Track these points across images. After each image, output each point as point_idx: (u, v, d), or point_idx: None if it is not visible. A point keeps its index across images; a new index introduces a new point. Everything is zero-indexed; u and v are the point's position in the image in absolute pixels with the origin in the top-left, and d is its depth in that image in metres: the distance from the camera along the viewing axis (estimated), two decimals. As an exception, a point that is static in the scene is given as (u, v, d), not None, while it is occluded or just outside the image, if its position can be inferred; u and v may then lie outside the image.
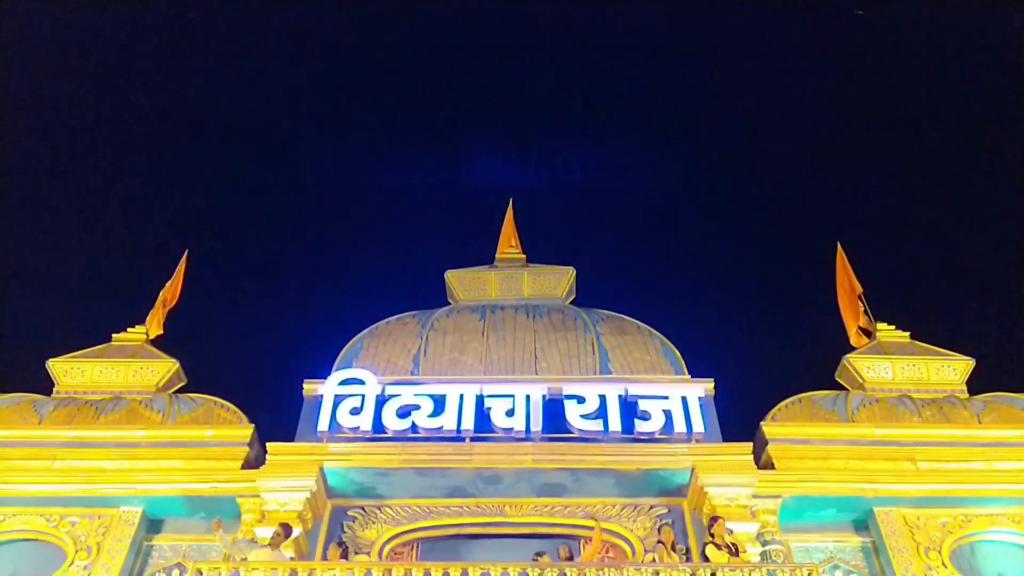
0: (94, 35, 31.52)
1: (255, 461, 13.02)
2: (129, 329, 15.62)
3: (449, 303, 17.05)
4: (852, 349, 15.49)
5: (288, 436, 13.17)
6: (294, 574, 9.89)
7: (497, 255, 18.13)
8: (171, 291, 16.43)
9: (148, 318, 15.87)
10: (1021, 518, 12.49)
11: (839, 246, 17.18)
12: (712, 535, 10.84)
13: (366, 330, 15.32)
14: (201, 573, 9.85)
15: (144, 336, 15.49)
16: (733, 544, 10.65)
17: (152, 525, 12.83)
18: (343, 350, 14.87)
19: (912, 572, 11.85)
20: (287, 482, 12.15)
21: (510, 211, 19.50)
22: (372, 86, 38.42)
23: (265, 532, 11.45)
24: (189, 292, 17.10)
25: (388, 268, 34.00)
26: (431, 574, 9.78)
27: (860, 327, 15.88)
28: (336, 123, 38.55)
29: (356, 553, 11.96)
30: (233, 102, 35.73)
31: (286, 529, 11.06)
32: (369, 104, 38.78)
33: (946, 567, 11.94)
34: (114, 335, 15.50)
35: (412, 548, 12.70)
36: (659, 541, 11.20)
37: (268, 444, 12.69)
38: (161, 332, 15.83)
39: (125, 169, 33.87)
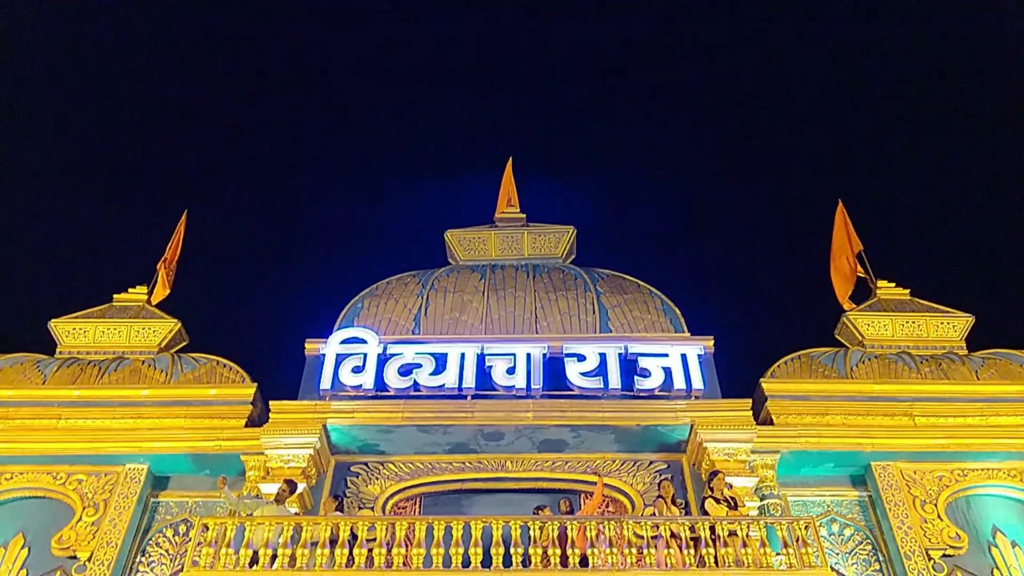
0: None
1: (258, 419, 13.12)
2: (130, 290, 15.64)
3: (449, 263, 17.04)
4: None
5: (290, 395, 13.23)
6: (298, 529, 10.01)
7: (496, 214, 18.06)
8: (171, 251, 16.40)
9: (159, 281, 15.86)
10: (1017, 472, 12.65)
11: (840, 204, 17.08)
12: (711, 489, 10.98)
13: (366, 290, 15.34)
14: (207, 528, 9.96)
15: (145, 296, 15.51)
16: (732, 498, 10.78)
17: (158, 482, 12.99)
18: (344, 310, 14.90)
19: (908, 525, 12.02)
20: (291, 439, 12.27)
21: (509, 169, 19.34)
22: (370, 46, 37.94)
23: (270, 488, 11.60)
24: (190, 253, 17.11)
25: (388, 228, 33.94)
26: (434, 528, 9.90)
27: (858, 281, 15.83)
28: (335, 81, 38.17)
29: (359, 508, 12.13)
30: (232, 60, 35.33)
31: (291, 485, 11.20)
32: (368, 64, 38.34)
33: (941, 520, 12.11)
34: (115, 296, 15.53)
35: (415, 503, 12.85)
36: (659, 495, 11.33)
37: (271, 402, 12.78)
38: (168, 291, 15.85)
39: (124, 129, 33.63)
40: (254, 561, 9.73)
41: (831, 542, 12.26)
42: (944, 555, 11.75)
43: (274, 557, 9.75)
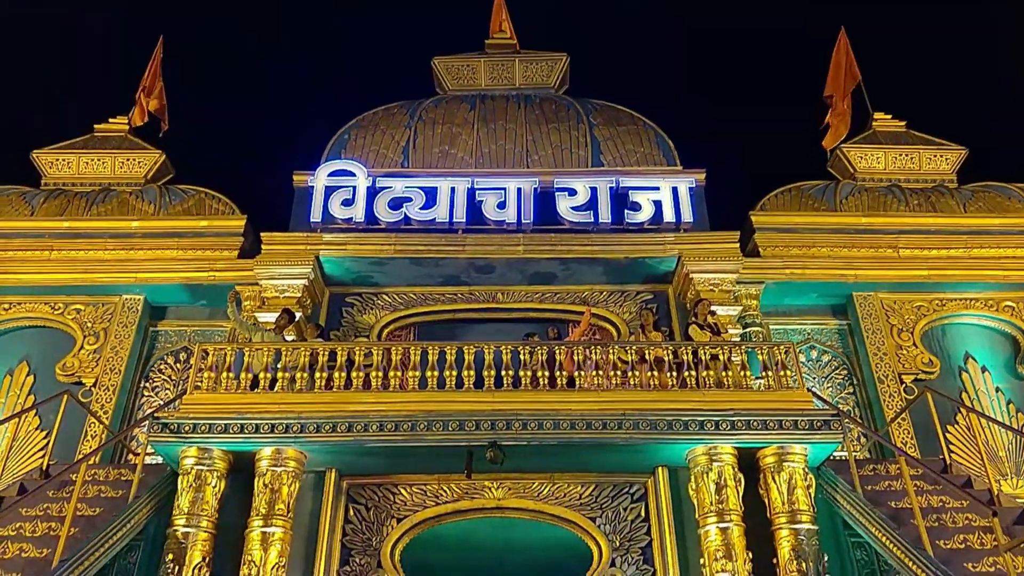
0: None
1: (250, 251, 13.12)
2: (110, 120, 15.23)
3: (437, 93, 16.55)
4: (850, 137, 15.34)
5: (280, 229, 13.17)
6: (295, 353, 10.28)
7: (487, 41, 17.32)
8: (148, 80, 15.77)
9: (137, 108, 15.38)
10: (994, 302, 13.02)
11: (843, 30, 16.40)
12: (695, 315, 11.29)
13: (353, 120, 14.94)
14: (207, 353, 10.17)
15: (127, 126, 15.12)
16: (715, 324, 11.10)
17: (156, 312, 13.24)
18: (330, 142, 14.56)
19: (884, 351, 12.51)
20: (284, 269, 12.39)
21: (500, -12, 18.36)
22: None
23: (267, 317, 11.84)
24: (169, 83, 16.42)
25: (375, 55, 32.64)
26: (428, 352, 10.18)
27: (855, 114, 15.52)
28: None
29: (356, 336, 12.46)
30: None
31: (288, 314, 11.42)
32: None
33: (916, 347, 12.60)
34: (96, 126, 15.12)
35: (409, 332, 13.19)
36: (641, 324, 11.67)
37: (263, 234, 12.79)
38: (145, 120, 15.40)
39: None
40: (254, 385, 10.05)
41: (809, 367, 12.80)
42: (916, 379, 12.29)
43: (274, 380, 10.09)
